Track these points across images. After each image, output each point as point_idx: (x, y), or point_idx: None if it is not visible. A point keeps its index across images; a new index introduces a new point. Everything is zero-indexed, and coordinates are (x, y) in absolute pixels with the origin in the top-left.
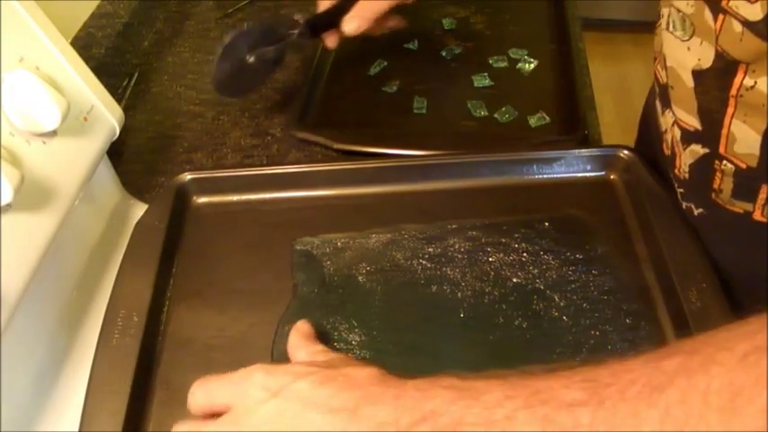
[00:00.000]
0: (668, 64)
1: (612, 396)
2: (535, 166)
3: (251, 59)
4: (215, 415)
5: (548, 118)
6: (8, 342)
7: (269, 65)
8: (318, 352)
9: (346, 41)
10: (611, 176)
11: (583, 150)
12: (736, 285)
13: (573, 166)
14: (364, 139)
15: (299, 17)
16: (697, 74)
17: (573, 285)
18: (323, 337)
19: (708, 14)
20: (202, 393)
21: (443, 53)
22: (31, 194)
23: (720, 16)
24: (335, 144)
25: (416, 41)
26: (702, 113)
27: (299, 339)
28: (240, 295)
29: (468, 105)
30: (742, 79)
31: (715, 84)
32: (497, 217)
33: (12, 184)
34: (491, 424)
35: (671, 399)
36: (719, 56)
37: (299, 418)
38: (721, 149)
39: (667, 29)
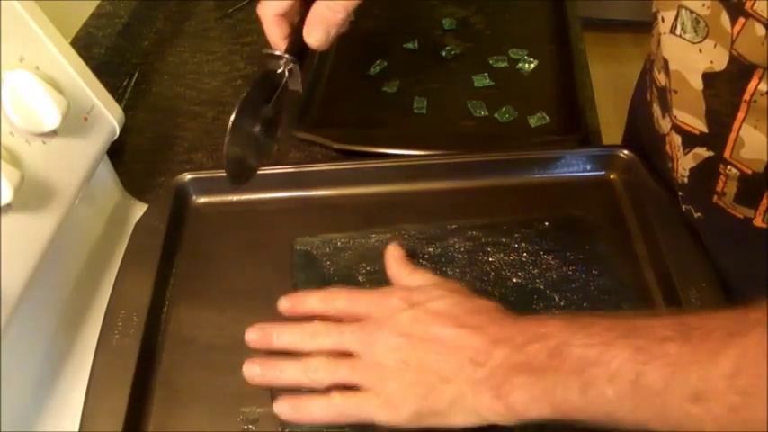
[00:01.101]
0: (672, 68)
1: (698, 336)
2: (535, 167)
3: (257, 129)
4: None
5: (548, 118)
6: (8, 342)
7: (274, 120)
8: (429, 277)
9: (346, 42)
10: (611, 176)
11: (583, 150)
12: (736, 286)
13: (573, 166)
14: (364, 139)
15: (275, 51)
16: (708, 77)
17: (573, 285)
18: None
19: (725, 18)
20: (346, 300)
21: (443, 53)
22: (31, 194)
23: (741, 19)
24: (335, 144)
25: (416, 41)
26: (710, 117)
27: (403, 265)
28: (240, 295)
29: (468, 105)
30: (757, 84)
31: (727, 88)
32: (497, 217)
33: (12, 184)
34: (592, 347)
35: (749, 342)
36: (734, 60)
37: (431, 327)
38: (726, 154)
39: (673, 32)
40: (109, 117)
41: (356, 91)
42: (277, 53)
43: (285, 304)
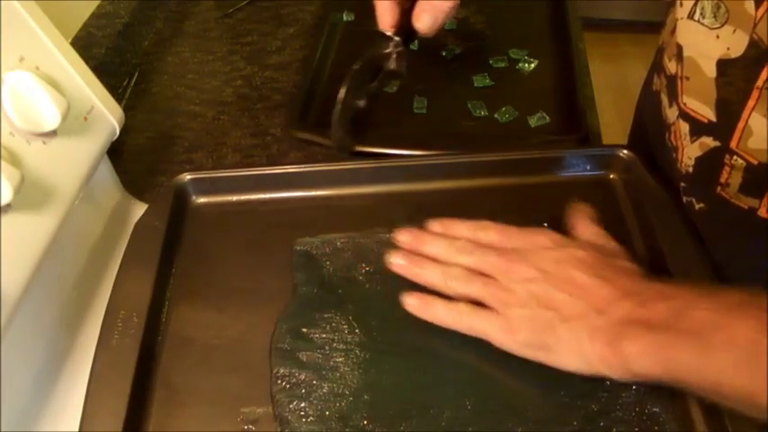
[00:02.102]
0: (685, 54)
1: None
2: (535, 167)
3: (362, 104)
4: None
5: (548, 118)
6: (8, 342)
7: (376, 97)
8: (600, 235)
9: (346, 42)
10: (611, 176)
11: (583, 150)
12: (734, 283)
13: (573, 166)
14: (364, 139)
15: (386, 32)
16: (722, 63)
17: None
18: (322, 337)
19: (750, 1)
20: (496, 233)
21: (443, 53)
22: (31, 194)
23: (766, 3)
24: None
25: (416, 41)
26: (720, 105)
27: (585, 219)
28: (240, 295)
29: (468, 105)
30: None
31: (741, 74)
32: (497, 217)
33: (12, 184)
34: (714, 312)
35: None
36: (753, 44)
37: (569, 269)
38: (733, 144)
39: (691, 17)
40: (109, 117)
41: None
42: (388, 34)
43: (437, 226)
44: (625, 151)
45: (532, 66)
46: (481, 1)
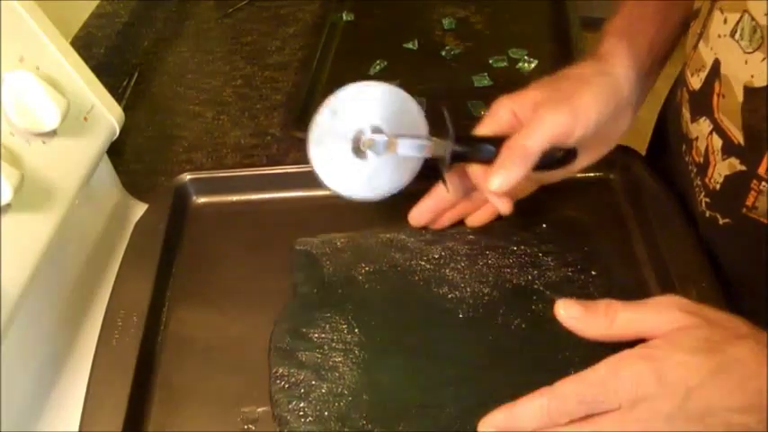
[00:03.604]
0: (722, 71)
1: None
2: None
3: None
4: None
5: None
6: (8, 342)
7: None
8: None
9: (346, 42)
10: (611, 177)
11: None
12: (744, 290)
13: None
14: None
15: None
16: (748, 91)
17: (572, 286)
18: (321, 337)
19: None
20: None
21: (443, 53)
22: (31, 194)
23: None
24: None
25: (416, 41)
26: (747, 130)
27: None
28: (240, 295)
29: (468, 105)
30: None
31: (764, 104)
32: (496, 218)
33: (12, 184)
34: None
35: None
36: None
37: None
38: (761, 170)
39: (732, 35)
40: (109, 117)
41: None
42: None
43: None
44: (625, 152)
45: (532, 66)
46: (481, 1)
